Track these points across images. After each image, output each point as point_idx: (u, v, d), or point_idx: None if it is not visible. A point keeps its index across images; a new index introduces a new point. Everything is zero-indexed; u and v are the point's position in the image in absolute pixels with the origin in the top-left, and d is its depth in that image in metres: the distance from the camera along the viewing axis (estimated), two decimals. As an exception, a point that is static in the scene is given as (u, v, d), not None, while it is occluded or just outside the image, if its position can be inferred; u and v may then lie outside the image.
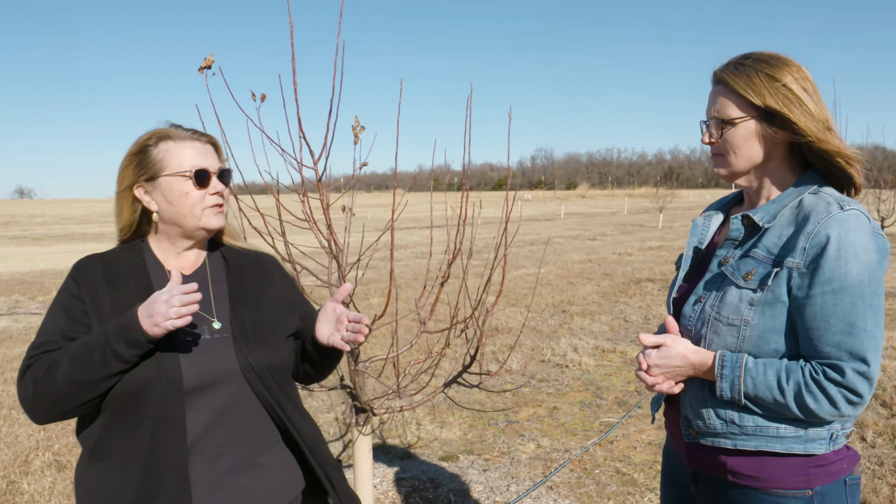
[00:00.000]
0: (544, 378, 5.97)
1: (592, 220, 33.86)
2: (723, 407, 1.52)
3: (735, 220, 1.57)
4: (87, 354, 1.43)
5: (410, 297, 7.50)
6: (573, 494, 3.73)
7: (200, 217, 1.63)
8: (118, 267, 1.61)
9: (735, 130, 1.53)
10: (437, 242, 17.95)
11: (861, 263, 1.38)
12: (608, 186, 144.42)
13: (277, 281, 1.81)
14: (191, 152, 1.62)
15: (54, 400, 1.45)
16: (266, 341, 1.65)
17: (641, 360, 1.58)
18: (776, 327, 1.45)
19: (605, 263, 14.68)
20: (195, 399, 1.52)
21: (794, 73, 1.48)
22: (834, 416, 1.41)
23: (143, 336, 1.41)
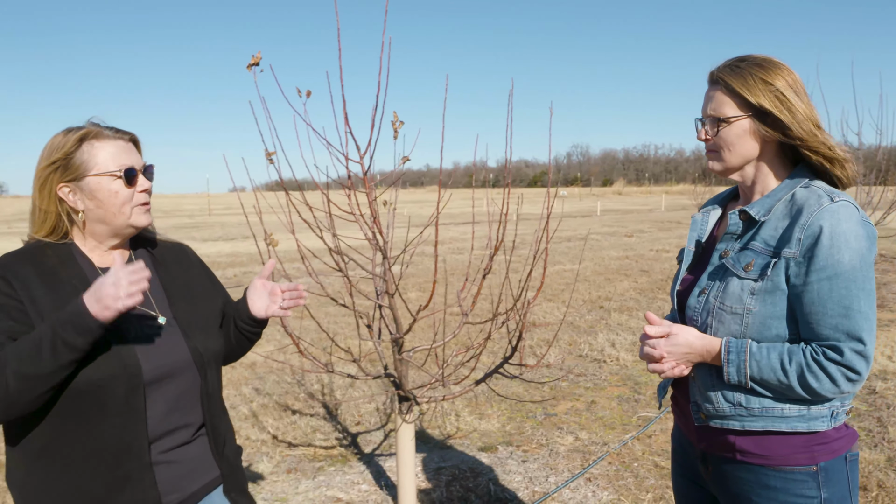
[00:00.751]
0: (582, 372, 6.00)
1: (629, 216, 33.58)
2: (730, 390, 1.61)
3: (733, 216, 1.67)
4: (36, 348, 1.42)
5: (448, 292, 7.58)
6: (612, 486, 3.77)
7: (130, 215, 1.65)
8: (48, 265, 1.59)
9: (730, 128, 1.62)
10: (476, 238, 17.82)
11: (853, 251, 1.47)
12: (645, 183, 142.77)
13: (199, 271, 1.89)
14: (116, 151, 1.63)
15: (6, 398, 1.43)
16: (208, 330, 1.76)
17: (653, 352, 1.67)
18: (777, 314, 1.55)
19: (643, 260, 14.59)
20: (153, 391, 1.59)
21: (786, 77, 1.59)
22: (835, 393, 1.50)
23: (93, 322, 1.41)
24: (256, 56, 2.65)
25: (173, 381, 1.64)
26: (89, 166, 1.60)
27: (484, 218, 3.66)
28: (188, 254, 1.91)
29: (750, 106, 1.59)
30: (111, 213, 1.63)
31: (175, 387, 1.64)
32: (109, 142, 1.63)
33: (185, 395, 1.67)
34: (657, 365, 1.68)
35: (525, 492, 3.74)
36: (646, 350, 1.69)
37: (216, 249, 18.75)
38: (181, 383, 1.66)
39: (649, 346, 1.68)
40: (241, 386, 5.84)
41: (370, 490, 3.81)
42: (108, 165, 1.61)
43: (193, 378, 1.69)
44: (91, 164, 1.60)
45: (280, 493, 3.82)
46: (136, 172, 1.64)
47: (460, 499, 3.67)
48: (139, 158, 1.69)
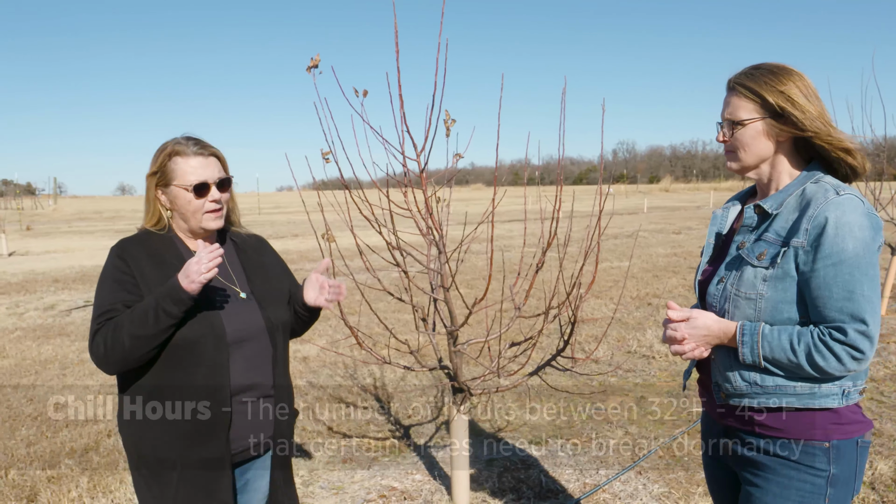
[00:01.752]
0: (630, 368, 6.01)
1: (676, 213, 33.12)
2: (746, 370, 1.75)
3: (748, 209, 1.82)
4: (144, 315, 1.83)
5: (496, 288, 7.64)
6: (662, 480, 3.80)
7: (201, 220, 2.02)
8: (155, 248, 2.01)
9: (745, 130, 1.77)
10: (521, 236, 17.91)
11: (857, 239, 1.60)
12: (692, 180, 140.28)
13: (273, 257, 2.29)
14: (195, 166, 1.99)
15: (122, 354, 1.85)
16: (278, 304, 2.14)
17: (675, 333, 1.81)
18: (787, 299, 1.69)
19: (692, 257, 14.41)
20: (234, 349, 1.98)
21: (797, 82, 1.73)
22: (842, 371, 1.63)
23: (184, 294, 1.82)
24: (315, 59, 2.76)
25: (250, 343, 2.02)
26: (173, 177, 1.99)
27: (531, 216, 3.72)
28: (264, 243, 2.31)
29: (762, 108, 1.74)
30: (187, 216, 2.02)
31: (251, 347, 2.02)
32: (191, 158, 1.99)
33: (259, 356, 2.04)
34: (679, 346, 1.82)
35: (576, 484, 3.80)
36: (668, 333, 1.83)
37: (266, 247, 19.11)
38: (256, 345, 2.04)
39: (671, 329, 1.82)
40: (296, 379, 6.01)
41: (424, 480, 3.91)
42: (185, 179, 1.98)
43: (266, 341, 2.06)
44: (173, 176, 1.99)
45: (336, 481, 3.94)
46: (207, 186, 2.00)
47: (512, 489, 3.74)
48: (216, 172, 2.03)
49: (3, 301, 10.68)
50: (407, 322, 7.74)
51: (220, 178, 2.03)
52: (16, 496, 3.80)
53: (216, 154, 2.05)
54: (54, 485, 3.94)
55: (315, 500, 3.74)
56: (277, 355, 2.09)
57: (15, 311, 9.82)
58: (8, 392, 5.78)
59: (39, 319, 9.13)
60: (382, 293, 8.57)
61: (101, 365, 1.91)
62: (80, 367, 6.49)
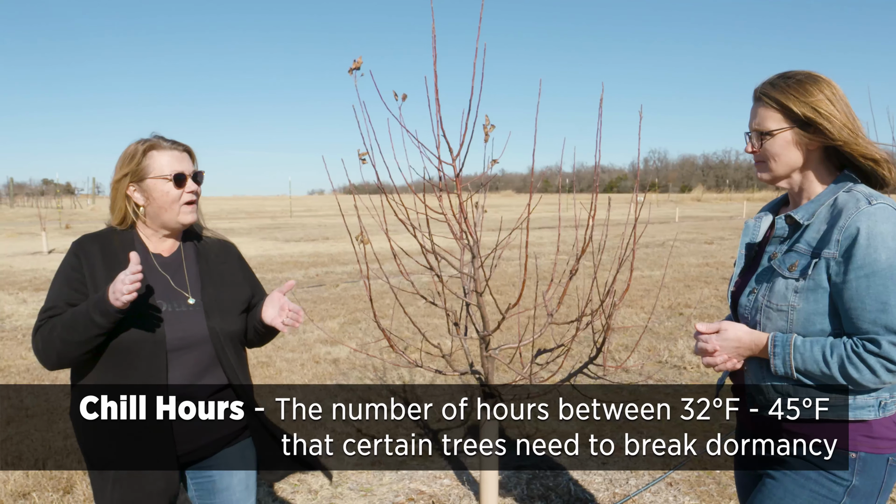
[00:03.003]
0: (662, 378, 5.96)
1: (709, 223, 32.74)
2: (779, 381, 1.75)
3: (779, 220, 1.81)
4: (74, 321, 1.85)
5: (528, 295, 7.63)
6: (693, 492, 3.76)
7: (178, 213, 2.04)
8: (112, 248, 2.02)
9: (774, 140, 1.76)
10: (551, 243, 17.84)
11: (890, 250, 1.58)
12: (725, 189, 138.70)
13: (235, 264, 2.25)
14: (170, 159, 2.03)
15: (56, 353, 1.89)
16: (227, 314, 2.11)
17: (706, 346, 1.81)
18: (819, 310, 1.67)
19: (724, 267, 14.24)
20: (174, 357, 1.98)
21: (824, 89, 1.71)
22: (876, 383, 1.61)
23: (111, 308, 1.81)
24: (357, 61, 2.79)
25: (192, 351, 2.03)
26: (149, 171, 2.02)
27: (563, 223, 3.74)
28: (230, 249, 2.28)
29: (790, 118, 1.72)
30: (164, 209, 2.03)
31: (194, 355, 2.03)
32: (166, 152, 2.04)
33: (202, 363, 2.05)
34: (710, 358, 1.83)
35: (605, 493, 3.78)
36: (700, 345, 1.84)
37: (298, 250, 19.32)
38: (198, 353, 2.04)
39: (702, 341, 1.83)
40: (326, 380, 6.06)
41: (452, 484, 3.92)
42: (163, 170, 2.02)
43: (209, 350, 2.06)
44: (150, 170, 2.02)
45: (365, 483, 3.97)
46: (184, 177, 2.04)
47: (541, 497, 3.73)
48: (190, 165, 2.09)
49: (43, 297, 10.93)
50: (437, 326, 7.76)
51: (194, 170, 2.09)
52: (53, 487, 3.89)
53: (188, 149, 2.12)
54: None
55: (343, 501, 3.77)
56: (225, 361, 2.08)
57: (53, 307, 10.04)
58: (46, 385, 5.92)
59: (76, 316, 9.33)
60: (412, 298, 8.60)
61: (40, 360, 1.95)
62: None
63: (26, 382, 6.21)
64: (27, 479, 4.00)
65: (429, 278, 3.23)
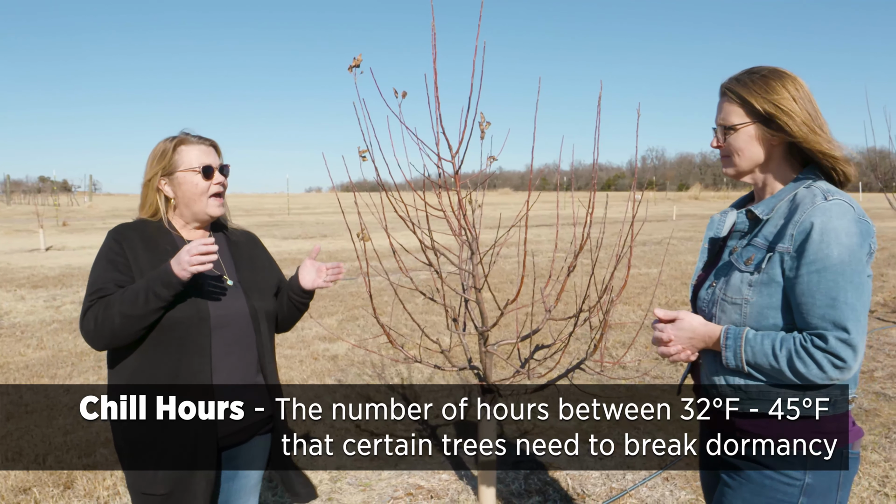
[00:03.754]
0: (658, 375, 5.99)
1: (706, 221, 32.68)
2: (731, 375, 1.76)
3: (740, 214, 1.83)
4: (135, 296, 1.94)
5: (525, 293, 7.67)
6: (689, 486, 3.79)
7: (206, 205, 2.16)
8: (149, 235, 2.13)
9: (737, 135, 1.78)
10: (549, 241, 17.85)
11: (842, 246, 1.59)
12: (723, 188, 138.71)
13: (262, 252, 2.42)
14: (199, 153, 2.15)
15: (111, 331, 1.96)
16: (264, 293, 2.25)
17: (661, 335, 1.83)
18: (773, 304, 1.69)
19: (721, 266, 14.28)
20: (217, 333, 2.08)
21: (788, 86, 1.73)
22: (823, 379, 1.62)
23: (175, 279, 1.93)
24: (357, 59, 2.80)
25: (232, 328, 2.13)
26: (179, 164, 2.14)
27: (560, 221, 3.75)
28: (255, 239, 2.45)
29: (752, 114, 1.75)
30: (193, 200, 2.15)
31: (233, 332, 2.13)
32: (194, 146, 2.16)
33: (241, 341, 2.15)
34: (665, 348, 1.85)
35: (602, 488, 3.81)
36: (656, 334, 1.86)
37: (296, 247, 19.32)
38: (237, 330, 2.15)
39: (658, 331, 1.84)
40: (325, 377, 6.09)
41: (450, 480, 3.94)
42: (192, 163, 2.14)
43: (248, 327, 2.17)
44: (180, 163, 2.14)
45: (364, 478, 3.99)
46: (212, 169, 2.16)
47: (538, 492, 3.76)
48: (217, 159, 2.21)
49: (40, 294, 10.94)
50: (435, 323, 7.78)
51: (220, 164, 2.21)
52: (53, 482, 3.91)
53: (214, 144, 2.24)
54: (90, 473, 4.04)
55: (343, 496, 3.79)
56: (261, 341, 2.19)
57: (52, 303, 10.05)
58: (45, 382, 5.93)
59: (75, 312, 9.33)
60: (411, 295, 8.62)
61: (91, 340, 2.02)
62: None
63: (25, 379, 6.22)
64: (27, 474, 4.02)
65: (427, 275, 3.26)
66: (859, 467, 3.98)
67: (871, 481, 3.83)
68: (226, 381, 2.10)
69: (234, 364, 2.13)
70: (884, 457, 4.15)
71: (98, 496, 3.78)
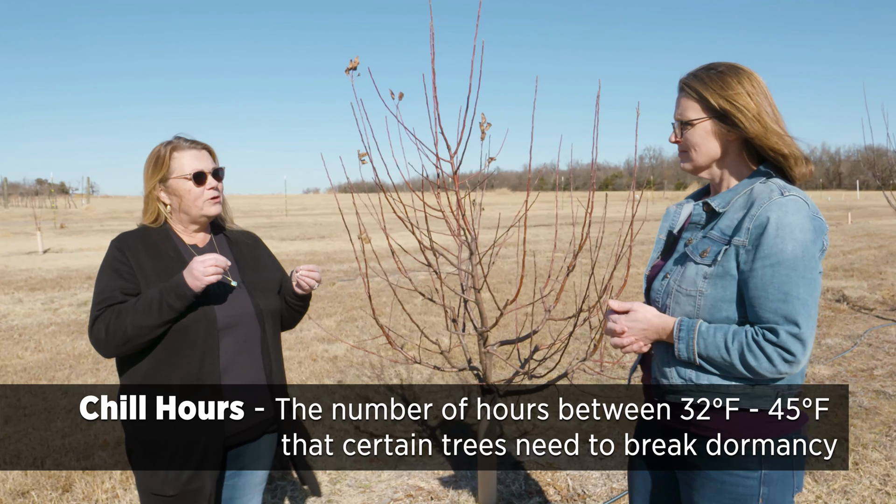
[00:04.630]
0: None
1: (704, 220, 32.74)
2: (683, 367, 1.76)
3: (697, 207, 1.83)
4: (148, 306, 1.97)
5: (524, 293, 7.66)
6: (690, 487, 3.78)
7: (202, 207, 2.16)
8: (152, 240, 2.15)
9: (694, 130, 1.79)
10: (547, 241, 17.79)
11: (796, 241, 1.61)
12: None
13: (264, 251, 2.43)
14: (190, 159, 2.15)
15: (123, 340, 1.99)
16: (268, 293, 2.27)
17: (615, 326, 1.81)
18: (727, 297, 1.70)
19: (719, 265, 14.28)
20: (224, 334, 2.10)
21: (744, 82, 1.74)
22: (773, 372, 1.64)
23: (189, 291, 1.97)
24: (354, 61, 2.80)
25: (239, 328, 2.15)
26: (172, 172, 2.15)
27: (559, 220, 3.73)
28: (257, 238, 2.47)
29: (708, 109, 1.76)
30: (188, 205, 2.16)
31: (241, 332, 2.15)
32: (186, 152, 2.16)
33: (248, 340, 2.17)
34: (618, 339, 1.83)
35: (603, 488, 3.80)
36: (609, 325, 1.84)
37: (294, 248, 19.31)
38: (245, 330, 2.16)
39: (612, 321, 1.83)
40: (324, 378, 6.07)
41: (450, 481, 3.93)
42: (184, 170, 2.14)
43: (255, 327, 2.19)
44: (173, 170, 2.15)
45: (364, 480, 3.98)
46: (204, 175, 2.16)
47: (538, 492, 3.75)
48: (210, 163, 2.20)
49: (38, 297, 10.91)
50: (434, 324, 7.77)
51: (213, 167, 2.20)
52: (52, 486, 3.89)
53: (207, 147, 2.23)
54: (88, 476, 4.03)
55: (342, 497, 3.78)
56: (267, 339, 2.21)
57: (50, 306, 10.02)
58: (44, 384, 5.92)
59: (73, 315, 9.31)
60: (410, 295, 8.61)
61: (101, 348, 2.05)
62: (113, 362, 6.62)
63: (23, 382, 6.20)
64: (25, 477, 4.00)
65: (426, 276, 3.25)
66: (861, 466, 3.97)
67: (872, 480, 3.82)
68: (234, 381, 2.11)
69: (241, 364, 2.15)
70: (885, 455, 4.14)
71: (97, 499, 3.76)
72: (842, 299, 9.52)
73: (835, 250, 16.54)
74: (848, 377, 5.89)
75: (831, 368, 6.17)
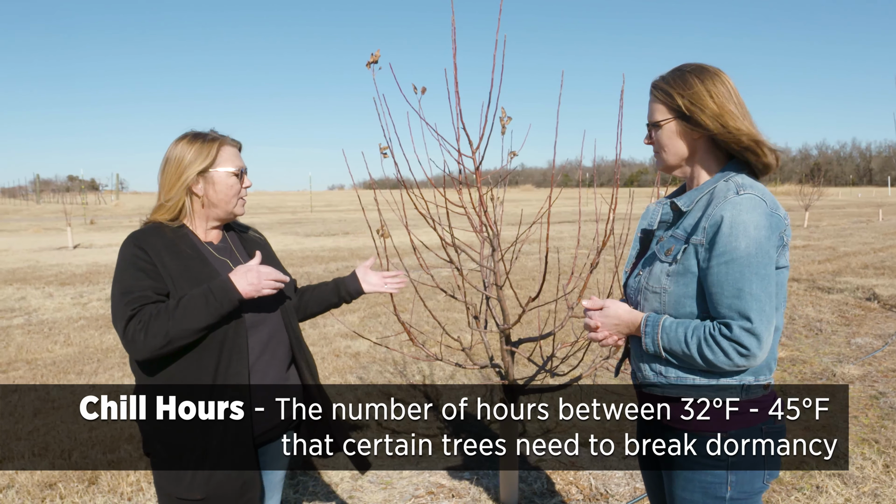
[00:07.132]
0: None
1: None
2: (653, 361, 1.82)
3: (665, 206, 1.90)
4: (193, 308, 1.93)
5: (547, 290, 7.63)
6: (715, 487, 3.73)
7: (234, 204, 2.16)
8: (169, 239, 2.08)
9: (662, 131, 1.85)
10: (571, 238, 17.72)
11: (750, 238, 1.66)
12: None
13: (272, 251, 2.40)
14: (233, 155, 2.16)
15: (164, 342, 1.91)
16: (287, 289, 2.26)
17: (590, 322, 1.89)
18: (689, 293, 1.76)
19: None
20: (251, 333, 2.09)
21: (706, 81, 1.78)
22: (730, 365, 1.69)
23: (237, 296, 1.96)
24: (375, 54, 2.78)
25: (265, 326, 2.14)
26: (217, 163, 2.12)
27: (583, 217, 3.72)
28: (265, 241, 2.44)
29: (672, 109, 1.81)
30: (222, 199, 2.14)
31: (267, 330, 2.15)
32: (230, 147, 2.16)
33: (274, 337, 2.17)
34: (594, 334, 1.91)
35: (626, 488, 3.76)
36: (585, 321, 1.92)
37: (319, 244, 19.42)
38: (270, 328, 2.16)
39: (588, 318, 1.90)
40: (347, 374, 6.09)
41: (472, 478, 3.92)
42: (229, 165, 2.14)
43: (279, 324, 2.19)
44: (218, 162, 2.12)
45: (385, 476, 3.98)
46: (244, 172, 2.18)
47: (561, 491, 3.72)
48: (242, 161, 2.21)
49: (68, 291, 11.09)
50: (456, 321, 7.76)
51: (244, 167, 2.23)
52: (78, 478, 3.95)
53: (240, 147, 2.26)
54: (114, 468, 4.08)
55: (364, 494, 3.78)
56: (291, 334, 2.23)
57: (79, 300, 10.18)
58: (72, 378, 6.01)
59: (102, 309, 9.45)
60: (432, 292, 8.61)
61: (137, 350, 1.94)
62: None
63: (52, 374, 6.30)
64: (53, 469, 4.06)
65: (448, 272, 3.24)
66: (891, 469, 3.89)
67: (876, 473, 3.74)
68: (261, 380, 2.09)
69: (267, 362, 2.14)
70: None
71: (122, 492, 3.81)
72: (872, 297, 9.33)
73: (865, 248, 16.25)
74: (878, 377, 5.77)
75: (861, 368, 6.05)
